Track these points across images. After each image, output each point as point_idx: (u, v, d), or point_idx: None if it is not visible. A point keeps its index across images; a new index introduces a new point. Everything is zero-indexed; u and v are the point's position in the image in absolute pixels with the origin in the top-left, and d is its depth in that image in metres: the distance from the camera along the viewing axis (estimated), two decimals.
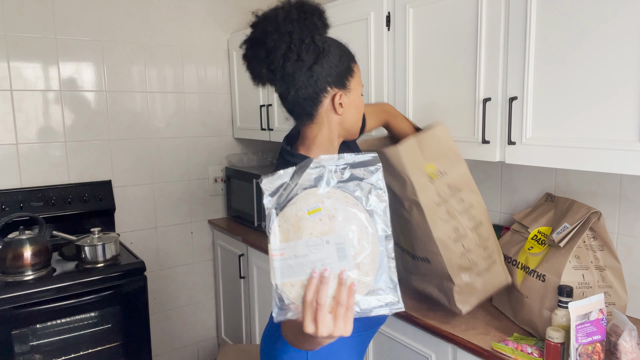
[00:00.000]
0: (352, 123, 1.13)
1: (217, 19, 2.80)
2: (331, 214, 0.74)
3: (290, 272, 0.74)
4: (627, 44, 1.13)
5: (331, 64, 1.04)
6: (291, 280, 0.73)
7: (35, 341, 1.87)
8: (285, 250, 0.74)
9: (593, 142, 1.21)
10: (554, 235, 1.35)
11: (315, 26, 1.00)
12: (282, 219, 0.75)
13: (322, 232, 0.74)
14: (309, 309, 0.72)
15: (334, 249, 0.73)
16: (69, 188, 2.34)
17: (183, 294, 2.84)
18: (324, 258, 0.73)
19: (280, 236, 0.74)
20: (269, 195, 0.76)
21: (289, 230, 0.74)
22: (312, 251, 0.73)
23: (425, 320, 1.48)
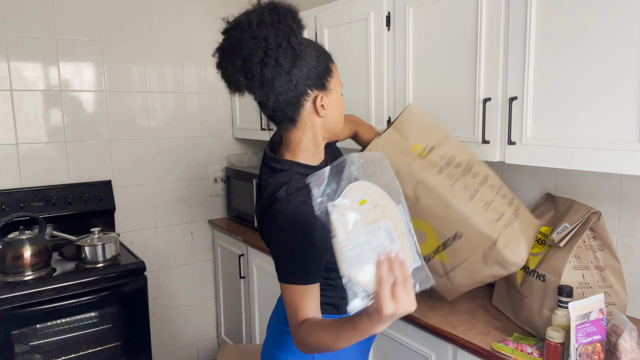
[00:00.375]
0: (335, 124, 1.12)
1: (217, 19, 2.79)
2: (375, 203, 0.81)
3: (359, 261, 0.78)
4: (627, 44, 1.13)
5: (309, 66, 1.02)
6: (361, 268, 0.78)
7: (35, 341, 1.87)
8: (350, 240, 0.78)
9: (593, 142, 1.21)
10: (554, 235, 1.35)
11: (291, 28, 0.99)
12: (337, 212, 0.79)
13: (374, 219, 0.80)
14: (385, 288, 0.75)
15: (385, 233, 0.80)
16: (69, 188, 2.34)
17: (183, 294, 2.84)
18: (381, 243, 0.79)
19: (342, 228, 0.79)
20: (317, 196, 0.81)
21: (348, 221, 0.79)
22: (371, 238, 0.79)
23: (425, 320, 1.48)
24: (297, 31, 1.00)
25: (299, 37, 1.01)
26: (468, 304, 1.61)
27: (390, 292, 0.76)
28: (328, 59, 1.08)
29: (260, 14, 0.98)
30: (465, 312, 1.54)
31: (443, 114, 1.60)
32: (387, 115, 1.82)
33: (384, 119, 1.83)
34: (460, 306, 1.59)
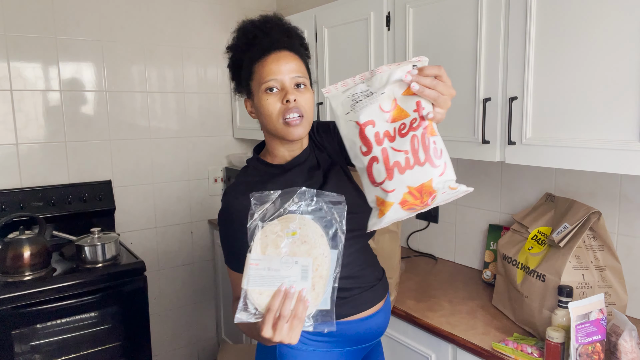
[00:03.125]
0: (271, 128, 1.09)
1: (217, 19, 2.80)
2: (303, 239, 0.85)
3: (261, 282, 0.84)
4: (627, 43, 1.13)
5: (244, 70, 1.12)
6: (260, 289, 0.84)
7: (35, 341, 1.86)
8: (261, 261, 0.84)
9: (593, 142, 1.21)
10: (554, 235, 1.35)
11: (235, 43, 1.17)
12: (264, 233, 0.85)
13: (294, 252, 0.85)
14: (270, 316, 0.83)
15: (300, 269, 0.85)
16: (69, 188, 2.34)
17: (183, 294, 2.84)
18: (290, 275, 0.84)
19: (260, 248, 0.85)
20: (256, 209, 0.87)
21: (267, 244, 0.85)
22: (283, 267, 0.84)
23: (425, 320, 1.48)
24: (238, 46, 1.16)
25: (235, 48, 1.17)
26: (468, 304, 1.61)
27: (273, 321, 0.83)
28: (252, 61, 1.10)
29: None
30: (465, 312, 1.54)
31: None
32: None
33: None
34: (460, 306, 1.59)
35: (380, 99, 0.80)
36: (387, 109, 0.80)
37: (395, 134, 0.80)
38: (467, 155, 1.54)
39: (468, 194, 1.95)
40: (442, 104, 0.81)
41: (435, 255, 2.13)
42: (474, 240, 1.97)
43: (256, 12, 3.00)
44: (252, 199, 0.87)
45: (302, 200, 0.87)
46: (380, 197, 0.82)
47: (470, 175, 1.94)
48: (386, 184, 0.81)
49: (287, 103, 1.03)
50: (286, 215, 0.86)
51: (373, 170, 0.81)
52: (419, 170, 0.80)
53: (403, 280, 1.83)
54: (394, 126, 0.81)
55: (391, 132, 0.81)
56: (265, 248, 0.84)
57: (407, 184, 0.80)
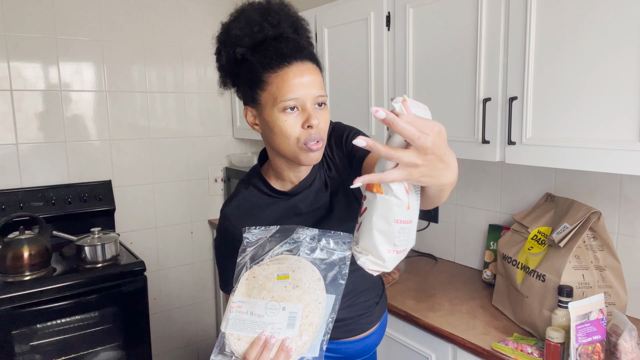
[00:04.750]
0: (284, 150, 0.91)
1: (217, 19, 2.78)
2: (296, 284, 0.78)
3: (241, 326, 0.78)
4: (627, 43, 1.13)
5: (242, 76, 0.92)
6: (239, 334, 0.78)
7: (35, 341, 1.86)
8: (244, 304, 0.78)
9: (593, 142, 1.21)
10: (554, 235, 1.35)
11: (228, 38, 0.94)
12: (252, 274, 0.79)
13: (282, 298, 0.78)
14: None
15: (287, 316, 0.78)
16: (69, 188, 2.34)
17: (183, 294, 2.84)
18: (275, 322, 0.77)
19: (245, 290, 0.78)
20: (248, 246, 0.80)
21: (254, 287, 0.78)
22: (267, 313, 0.78)
23: (425, 320, 1.48)
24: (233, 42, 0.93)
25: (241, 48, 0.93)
26: (468, 304, 1.61)
27: None
28: (265, 68, 0.89)
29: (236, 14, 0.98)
30: (465, 312, 1.54)
31: (443, 114, 1.60)
32: None
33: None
34: (460, 306, 1.59)
35: None
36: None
37: None
38: (467, 155, 1.54)
39: (468, 194, 1.95)
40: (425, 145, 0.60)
41: (435, 255, 2.13)
42: (474, 240, 1.97)
43: None
44: (245, 234, 0.79)
45: (302, 240, 0.80)
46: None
47: (470, 175, 1.94)
48: None
49: (310, 128, 0.88)
50: (280, 256, 0.79)
51: None
52: None
53: (403, 280, 1.83)
54: None
55: None
56: (251, 290, 0.78)
57: None
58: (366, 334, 1.16)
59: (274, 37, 0.92)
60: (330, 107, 2.08)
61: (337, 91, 2.04)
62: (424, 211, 2.13)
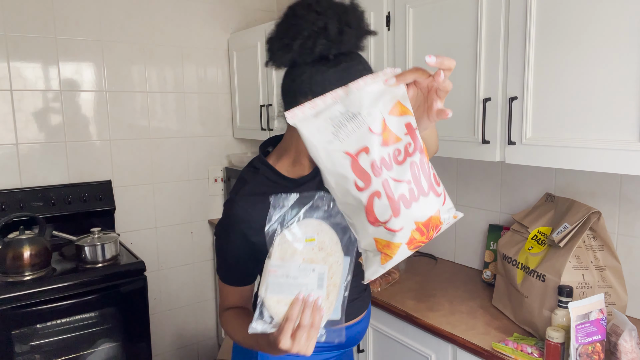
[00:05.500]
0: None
1: (217, 19, 2.80)
2: (321, 246, 0.82)
3: (279, 289, 0.80)
4: (627, 43, 1.13)
5: (327, 77, 0.89)
6: (278, 297, 0.80)
7: (35, 341, 1.86)
8: (279, 268, 0.80)
9: (593, 142, 1.21)
10: (554, 235, 1.35)
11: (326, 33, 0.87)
12: (283, 239, 0.80)
13: (311, 260, 0.81)
14: (290, 326, 0.80)
15: (317, 277, 0.81)
16: (69, 188, 2.34)
17: (183, 294, 2.84)
18: (307, 283, 0.80)
19: (279, 254, 0.80)
20: (275, 212, 0.82)
21: (287, 250, 0.80)
22: (300, 275, 0.80)
23: (425, 320, 1.48)
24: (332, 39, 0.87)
25: (336, 47, 0.88)
26: (468, 304, 1.61)
27: (291, 331, 0.80)
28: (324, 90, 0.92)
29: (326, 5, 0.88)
30: (465, 312, 1.54)
31: None
32: None
33: None
34: (460, 306, 1.59)
35: (368, 120, 0.67)
36: (378, 131, 0.66)
37: (391, 161, 0.67)
38: (467, 155, 1.54)
39: (468, 194, 1.95)
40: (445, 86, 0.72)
41: (435, 255, 2.13)
42: (474, 240, 1.97)
43: (256, 12, 3.01)
44: (272, 200, 0.82)
45: (320, 205, 0.83)
46: (383, 240, 0.70)
47: (470, 175, 1.94)
48: (392, 222, 0.68)
49: None
50: (305, 221, 0.82)
51: (375, 207, 0.68)
52: (424, 202, 0.69)
53: (403, 280, 1.83)
54: (388, 151, 0.67)
55: (386, 158, 0.67)
56: (284, 253, 0.80)
57: (415, 219, 0.69)
58: (358, 318, 1.20)
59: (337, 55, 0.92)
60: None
61: None
62: None
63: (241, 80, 2.76)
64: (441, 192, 0.73)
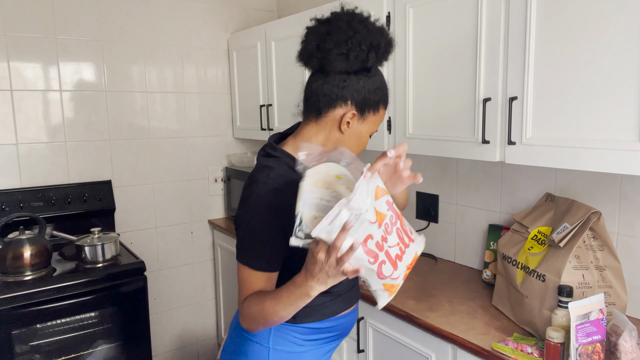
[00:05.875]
0: (350, 149, 1.10)
1: (217, 19, 2.80)
2: (347, 185, 0.90)
3: (315, 208, 0.87)
4: (627, 43, 1.13)
5: (366, 86, 1.04)
6: (315, 214, 0.87)
7: (35, 341, 1.86)
8: (314, 192, 0.88)
9: (593, 142, 1.21)
10: (554, 235, 1.35)
11: (377, 49, 1.02)
12: (314, 171, 0.90)
13: (338, 191, 0.89)
14: (342, 235, 0.81)
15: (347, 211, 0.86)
16: (69, 188, 2.34)
17: (183, 294, 2.84)
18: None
19: (311, 181, 0.89)
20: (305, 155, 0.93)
21: (319, 180, 0.89)
22: (333, 201, 0.87)
23: (425, 320, 1.48)
24: (378, 59, 1.04)
25: (376, 63, 1.05)
26: (468, 304, 1.61)
27: (326, 247, 0.83)
28: (383, 100, 1.10)
29: (368, 22, 1.03)
30: (465, 312, 1.54)
31: (443, 114, 1.60)
32: (387, 116, 1.82)
33: (384, 119, 1.83)
34: (460, 306, 1.59)
35: (368, 216, 0.86)
36: (374, 220, 0.87)
37: (386, 235, 0.89)
38: (467, 155, 1.54)
39: (468, 194, 1.95)
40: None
41: (435, 255, 2.13)
42: (474, 240, 1.97)
43: (256, 12, 3.01)
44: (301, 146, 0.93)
45: (342, 158, 0.93)
46: (388, 283, 0.93)
47: (470, 175, 1.94)
48: (394, 274, 0.92)
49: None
50: (331, 162, 0.92)
51: (382, 270, 0.90)
52: (409, 250, 0.95)
53: None
54: (383, 229, 0.89)
55: (384, 234, 0.89)
56: (316, 182, 0.88)
57: (406, 264, 0.95)
58: (353, 307, 1.27)
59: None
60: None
61: None
62: (425, 211, 2.13)
63: (241, 80, 2.76)
64: (414, 236, 0.97)
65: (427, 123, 1.67)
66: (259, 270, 1.04)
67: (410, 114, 1.72)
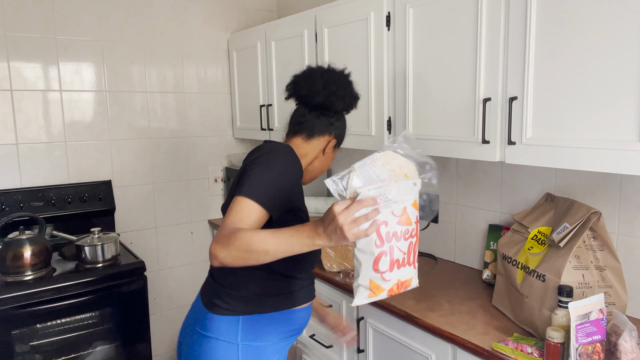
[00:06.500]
0: (314, 172, 1.37)
1: (217, 19, 2.80)
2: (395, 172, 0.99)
3: (366, 175, 0.95)
4: (627, 44, 1.13)
5: (343, 125, 1.38)
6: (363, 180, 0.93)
7: (35, 341, 1.86)
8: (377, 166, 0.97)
9: (593, 142, 1.21)
10: (554, 235, 1.35)
11: (357, 100, 1.36)
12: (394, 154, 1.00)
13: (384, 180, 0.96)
14: (354, 204, 0.89)
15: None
16: (69, 188, 2.34)
17: (183, 294, 2.84)
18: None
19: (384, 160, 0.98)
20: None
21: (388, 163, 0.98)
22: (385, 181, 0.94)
23: (425, 320, 1.48)
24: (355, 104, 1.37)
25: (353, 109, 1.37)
26: (468, 304, 1.61)
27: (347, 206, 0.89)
28: (344, 138, 1.41)
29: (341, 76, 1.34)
30: (465, 312, 1.54)
31: (443, 114, 1.60)
32: (387, 116, 1.82)
33: (384, 119, 1.83)
34: (460, 306, 1.59)
35: (393, 207, 0.95)
36: (398, 214, 0.95)
37: (401, 236, 0.96)
38: (467, 155, 1.54)
39: (468, 194, 1.95)
40: None
41: (435, 255, 2.13)
42: (474, 240, 1.97)
43: (256, 12, 3.01)
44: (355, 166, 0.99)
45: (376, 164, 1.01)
46: (375, 282, 0.97)
47: (470, 175, 1.94)
48: (387, 274, 0.96)
49: None
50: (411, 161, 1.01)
51: (380, 260, 0.95)
52: (407, 269, 1.00)
53: None
54: (401, 229, 0.96)
55: (399, 233, 0.96)
56: (384, 163, 0.96)
57: (399, 277, 0.99)
58: (309, 303, 1.39)
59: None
60: None
61: None
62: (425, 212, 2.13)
63: (241, 80, 2.76)
64: (417, 266, 1.04)
65: (427, 123, 1.67)
66: (262, 206, 1.09)
67: (410, 114, 1.72)
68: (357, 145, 1.96)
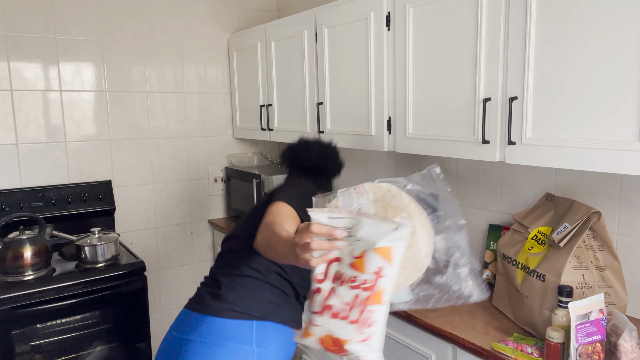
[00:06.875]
0: None
1: (217, 19, 2.80)
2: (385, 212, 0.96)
3: (346, 197, 0.94)
4: (627, 44, 1.13)
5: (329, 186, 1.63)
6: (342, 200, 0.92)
7: (35, 341, 1.86)
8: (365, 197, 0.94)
9: (593, 142, 1.21)
10: (554, 235, 1.35)
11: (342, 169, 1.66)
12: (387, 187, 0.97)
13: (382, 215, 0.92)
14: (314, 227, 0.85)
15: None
16: (69, 188, 2.34)
17: (183, 294, 2.84)
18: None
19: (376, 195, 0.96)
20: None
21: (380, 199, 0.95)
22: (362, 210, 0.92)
23: (425, 320, 1.48)
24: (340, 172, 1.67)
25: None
26: (468, 304, 1.61)
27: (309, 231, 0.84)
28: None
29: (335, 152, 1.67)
30: (465, 312, 1.54)
31: (443, 114, 1.60)
32: (387, 116, 1.82)
33: (384, 119, 1.83)
34: (460, 306, 1.59)
35: (356, 245, 0.81)
36: (355, 255, 0.82)
37: (347, 282, 0.82)
38: (467, 155, 1.54)
39: (468, 194, 1.95)
40: None
41: None
42: (474, 240, 1.96)
43: (256, 12, 3.01)
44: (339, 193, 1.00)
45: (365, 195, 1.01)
46: (307, 323, 0.87)
47: (470, 175, 1.94)
48: (316, 317, 0.85)
49: None
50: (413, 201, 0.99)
51: (314, 297, 0.86)
52: (341, 325, 0.83)
53: None
54: (350, 274, 0.82)
55: (345, 276, 0.82)
56: (376, 199, 0.92)
57: (328, 330, 0.84)
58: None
59: None
60: (330, 107, 2.09)
61: (337, 91, 2.04)
62: None
63: (241, 80, 2.76)
64: (367, 334, 0.82)
65: (427, 123, 1.67)
66: (295, 210, 1.29)
67: (410, 114, 1.72)
68: (357, 145, 1.96)
